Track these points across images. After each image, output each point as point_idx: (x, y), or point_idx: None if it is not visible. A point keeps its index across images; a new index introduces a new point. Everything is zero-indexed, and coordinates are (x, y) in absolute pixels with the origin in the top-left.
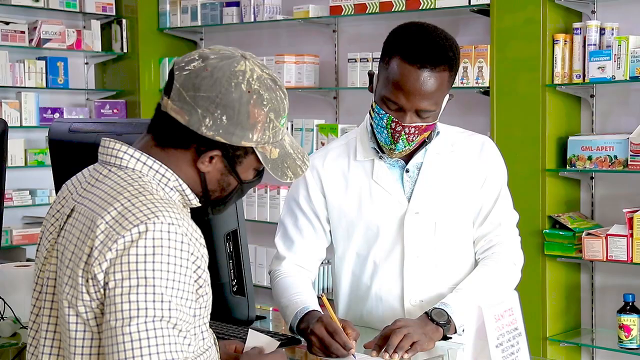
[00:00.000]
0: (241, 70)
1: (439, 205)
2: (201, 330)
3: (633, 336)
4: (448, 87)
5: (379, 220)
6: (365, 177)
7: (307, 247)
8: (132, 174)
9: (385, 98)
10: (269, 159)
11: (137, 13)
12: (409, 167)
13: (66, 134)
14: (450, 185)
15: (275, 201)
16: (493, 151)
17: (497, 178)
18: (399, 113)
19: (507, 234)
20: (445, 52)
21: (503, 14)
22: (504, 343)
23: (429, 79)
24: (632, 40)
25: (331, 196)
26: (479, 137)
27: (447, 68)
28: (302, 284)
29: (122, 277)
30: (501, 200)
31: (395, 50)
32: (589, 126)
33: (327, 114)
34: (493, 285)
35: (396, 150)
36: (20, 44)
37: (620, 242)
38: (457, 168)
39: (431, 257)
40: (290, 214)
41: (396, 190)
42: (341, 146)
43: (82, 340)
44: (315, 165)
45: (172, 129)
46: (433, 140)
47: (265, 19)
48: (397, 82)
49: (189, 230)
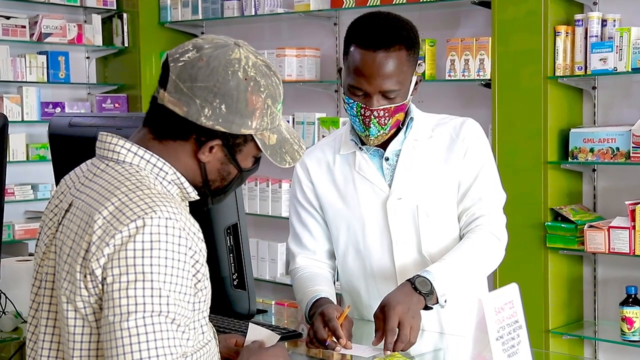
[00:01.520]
0: (236, 58)
1: (419, 189)
2: (200, 324)
3: (636, 328)
4: (410, 66)
5: (363, 209)
6: (348, 170)
7: (315, 240)
8: (129, 168)
9: (350, 87)
10: (268, 145)
11: (138, 7)
12: (388, 155)
13: (66, 128)
14: (430, 169)
15: (276, 195)
16: (472, 129)
17: (476, 153)
18: (365, 98)
19: (489, 210)
20: (397, 32)
21: (504, 6)
22: (504, 336)
23: (385, 59)
24: (634, 32)
25: (320, 190)
26: (459, 119)
27: (403, 47)
28: (315, 277)
29: (120, 272)
30: (483, 176)
31: (352, 40)
32: (591, 118)
33: (328, 107)
34: (475, 256)
35: (371, 135)
36: (21, 38)
37: (623, 234)
38: (436, 151)
39: (419, 241)
40: (294, 212)
41: (377, 179)
42: (329, 142)
43: (81, 335)
44: (305, 161)
45: (170, 121)
46: (411, 128)
47: (266, 12)
48: (357, 68)
49: (186, 224)
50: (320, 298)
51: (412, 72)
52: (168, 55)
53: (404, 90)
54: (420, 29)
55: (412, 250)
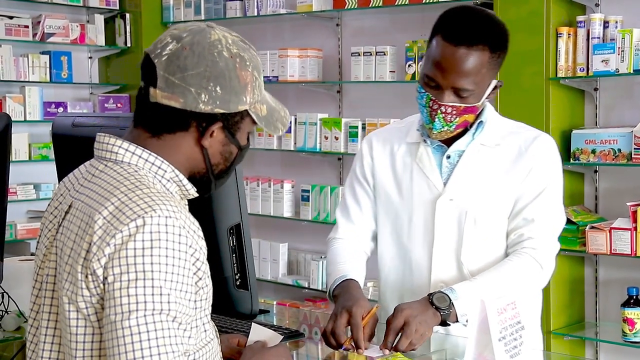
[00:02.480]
0: (217, 39)
1: (473, 194)
2: (202, 322)
3: (637, 330)
4: (491, 69)
5: (414, 201)
6: (410, 159)
7: (362, 216)
8: (128, 168)
9: (424, 76)
10: (262, 117)
11: (141, 7)
12: (450, 153)
13: (69, 128)
14: (489, 177)
15: (278, 195)
16: (544, 146)
17: (542, 173)
18: (437, 91)
19: (540, 234)
20: (484, 31)
21: (507, 7)
22: (506, 337)
23: (465, 56)
24: (636, 33)
25: (378, 171)
26: (533, 132)
27: (487, 48)
28: (349, 254)
29: (121, 271)
30: (543, 198)
31: (438, 30)
32: (593, 119)
33: (330, 108)
34: (510, 282)
35: (434, 129)
36: (24, 38)
37: (624, 235)
38: (500, 160)
39: (460, 246)
40: (349, 184)
41: (433, 174)
42: (399, 127)
43: (83, 335)
44: (372, 139)
45: (167, 117)
46: (481, 132)
47: (268, 13)
48: (435, 59)
49: (186, 222)
50: (348, 279)
51: (492, 75)
52: (148, 52)
53: (478, 92)
54: (423, 30)
55: (450, 254)
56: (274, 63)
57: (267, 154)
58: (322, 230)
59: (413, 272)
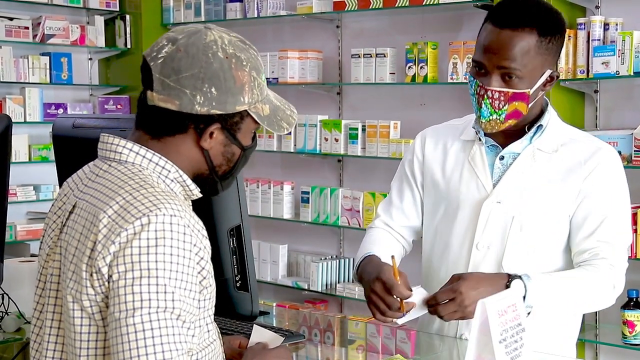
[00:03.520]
0: (212, 40)
1: (522, 200)
2: (206, 322)
3: (637, 332)
4: (540, 54)
5: (461, 200)
6: (462, 156)
7: (403, 211)
8: (132, 168)
9: (473, 61)
10: (264, 117)
11: (141, 9)
12: (504, 154)
13: (70, 130)
14: (542, 184)
15: (278, 197)
16: (604, 160)
17: (609, 190)
18: (484, 77)
19: (615, 254)
20: (531, 14)
21: None
22: (507, 339)
23: (509, 38)
24: (636, 36)
25: (428, 167)
26: (595, 143)
27: (535, 31)
28: (381, 239)
29: (126, 269)
30: (613, 218)
31: (487, 17)
32: (593, 121)
33: (330, 109)
34: (584, 290)
35: (482, 117)
36: (24, 39)
37: None
38: (556, 169)
39: (502, 252)
40: (397, 178)
41: (484, 175)
42: (456, 124)
43: (88, 334)
44: (426, 135)
45: (165, 119)
46: (541, 135)
47: (268, 15)
48: (482, 44)
49: (190, 221)
50: (367, 257)
51: (543, 61)
52: (145, 56)
53: (528, 77)
54: (423, 31)
55: (491, 259)
56: (274, 64)
57: (267, 155)
58: (322, 232)
59: (449, 272)
